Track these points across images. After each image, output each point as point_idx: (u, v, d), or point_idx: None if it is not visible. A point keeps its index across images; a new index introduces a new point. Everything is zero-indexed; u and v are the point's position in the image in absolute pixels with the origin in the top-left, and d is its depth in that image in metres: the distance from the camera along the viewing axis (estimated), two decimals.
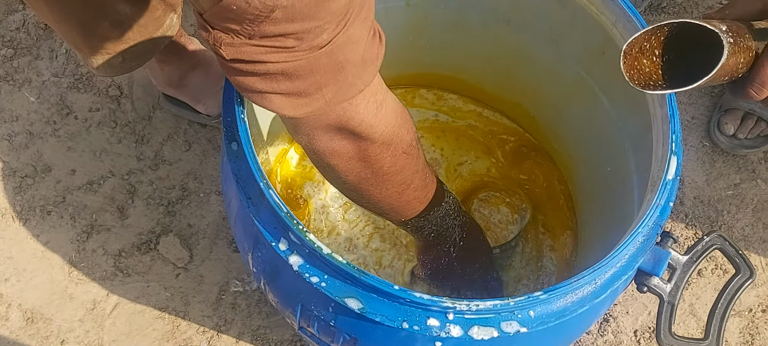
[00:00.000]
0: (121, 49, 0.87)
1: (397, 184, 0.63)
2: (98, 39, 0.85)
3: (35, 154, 1.15)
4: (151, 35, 0.89)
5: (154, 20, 0.88)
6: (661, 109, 0.62)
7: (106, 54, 0.88)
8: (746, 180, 1.22)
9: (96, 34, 0.84)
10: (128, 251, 1.09)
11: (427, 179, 0.69)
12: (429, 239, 0.75)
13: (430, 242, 0.76)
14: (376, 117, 0.55)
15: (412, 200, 0.67)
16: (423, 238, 0.76)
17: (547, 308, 0.53)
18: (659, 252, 0.59)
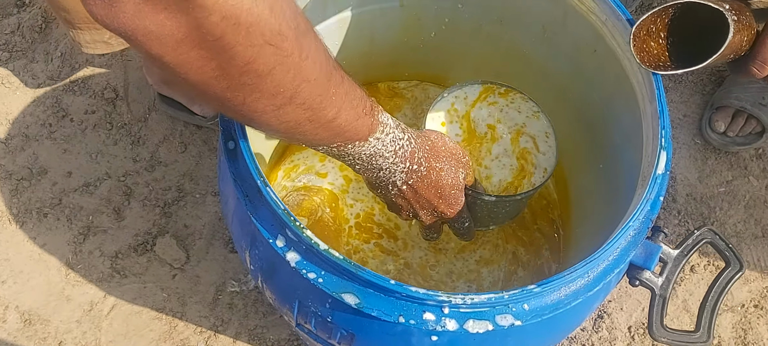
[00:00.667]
0: None
1: (269, 93, 0.46)
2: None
3: (31, 156, 1.16)
4: None
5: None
6: (651, 105, 0.63)
7: (93, 29, 0.88)
8: (738, 177, 1.23)
9: None
10: (125, 253, 1.09)
11: (334, 98, 0.52)
12: (362, 173, 0.65)
13: (369, 180, 0.67)
14: None
15: (304, 123, 0.51)
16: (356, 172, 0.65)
17: (541, 301, 0.54)
18: (650, 246, 0.60)
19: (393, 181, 0.65)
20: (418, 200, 0.68)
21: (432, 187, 0.67)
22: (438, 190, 0.67)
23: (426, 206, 0.69)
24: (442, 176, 0.67)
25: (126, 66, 1.24)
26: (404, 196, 0.67)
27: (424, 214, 0.70)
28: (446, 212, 0.70)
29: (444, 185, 0.67)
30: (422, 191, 0.67)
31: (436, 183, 0.67)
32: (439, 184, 0.67)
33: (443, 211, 0.70)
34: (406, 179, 0.65)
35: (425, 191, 0.67)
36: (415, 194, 0.67)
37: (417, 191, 0.66)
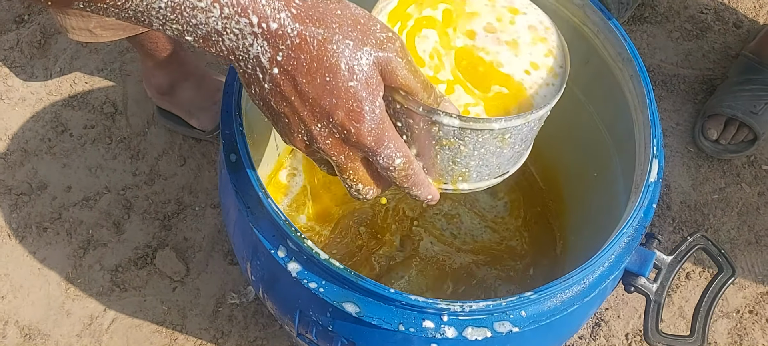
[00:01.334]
0: (96, 15, 0.89)
1: None
2: None
3: (30, 171, 1.16)
4: None
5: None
6: (643, 114, 0.65)
7: (80, 16, 0.90)
8: (731, 184, 1.24)
9: None
10: (125, 266, 1.10)
11: None
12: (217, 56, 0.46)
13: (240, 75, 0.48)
14: None
15: None
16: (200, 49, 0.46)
17: (538, 308, 0.55)
18: (645, 253, 0.62)
19: (254, 59, 0.45)
20: (302, 97, 0.46)
21: (315, 71, 0.45)
22: (325, 75, 0.45)
23: (317, 112, 0.46)
24: (330, 53, 0.45)
25: (125, 80, 1.25)
26: (282, 92, 0.46)
27: (321, 133, 0.47)
28: (348, 126, 0.46)
29: (334, 66, 0.45)
30: (301, 78, 0.45)
31: (321, 63, 0.45)
32: (326, 65, 0.45)
33: (344, 124, 0.46)
34: (271, 53, 0.44)
35: (306, 77, 0.45)
36: (295, 87, 0.45)
37: (295, 79, 0.45)
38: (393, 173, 0.49)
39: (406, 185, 0.51)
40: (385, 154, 0.48)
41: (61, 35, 1.28)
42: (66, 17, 0.91)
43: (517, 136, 0.51)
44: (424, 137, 0.50)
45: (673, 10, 1.39)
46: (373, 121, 0.46)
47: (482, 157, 0.51)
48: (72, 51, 1.27)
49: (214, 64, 1.28)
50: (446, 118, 0.48)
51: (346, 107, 0.46)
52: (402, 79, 0.47)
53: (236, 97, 0.60)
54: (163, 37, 1.03)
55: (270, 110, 0.48)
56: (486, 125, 0.49)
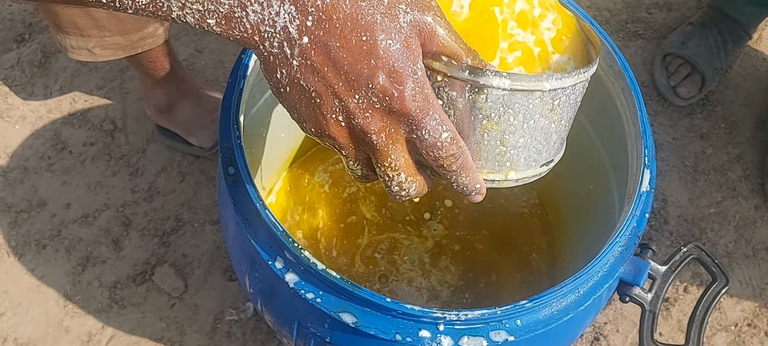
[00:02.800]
0: (95, 35, 0.90)
1: None
2: (76, 13, 0.87)
3: (30, 189, 1.17)
4: (128, 33, 0.92)
5: (134, 20, 0.91)
6: (634, 126, 0.66)
7: (80, 36, 0.91)
8: (728, 198, 1.25)
9: (76, 6, 0.86)
10: (123, 283, 1.10)
11: None
12: (239, 41, 0.42)
13: (262, 62, 0.43)
14: None
15: None
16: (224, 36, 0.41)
17: (534, 317, 0.55)
18: (639, 263, 0.62)
19: (282, 31, 0.40)
20: (337, 65, 0.40)
21: (350, 31, 0.40)
22: (361, 34, 0.40)
23: (354, 80, 0.41)
24: (364, 9, 0.40)
25: (124, 99, 1.26)
26: (313, 65, 0.41)
27: (359, 105, 0.41)
28: (390, 90, 0.41)
29: (370, 24, 0.40)
30: (335, 42, 0.40)
31: (356, 21, 0.40)
32: (361, 23, 0.40)
33: (385, 88, 0.41)
34: (300, 19, 0.39)
35: (340, 40, 0.40)
36: (328, 55, 0.40)
37: (327, 46, 0.40)
38: (440, 151, 0.43)
39: (455, 168, 0.44)
40: (430, 125, 0.42)
41: (61, 54, 1.30)
42: (66, 37, 0.92)
43: (564, 106, 0.48)
44: (469, 114, 0.45)
45: (666, 26, 1.41)
46: (417, 84, 0.41)
47: (531, 132, 0.47)
48: (72, 70, 1.28)
49: (213, 80, 1.29)
50: (496, 79, 0.43)
51: (387, 68, 0.40)
52: (442, 41, 0.42)
53: (235, 111, 0.61)
54: (161, 56, 1.04)
55: (299, 94, 0.42)
56: (538, 84, 0.44)
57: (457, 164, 0.44)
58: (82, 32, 0.90)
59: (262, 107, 0.78)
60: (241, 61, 0.65)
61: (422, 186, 0.46)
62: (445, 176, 0.45)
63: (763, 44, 1.41)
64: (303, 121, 0.43)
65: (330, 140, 0.44)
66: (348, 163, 0.46)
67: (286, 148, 0.94)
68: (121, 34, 0.92)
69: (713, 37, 1.29)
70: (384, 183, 0.45)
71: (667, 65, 1.31)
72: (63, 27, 0.90)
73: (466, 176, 0.46)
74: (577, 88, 0.48)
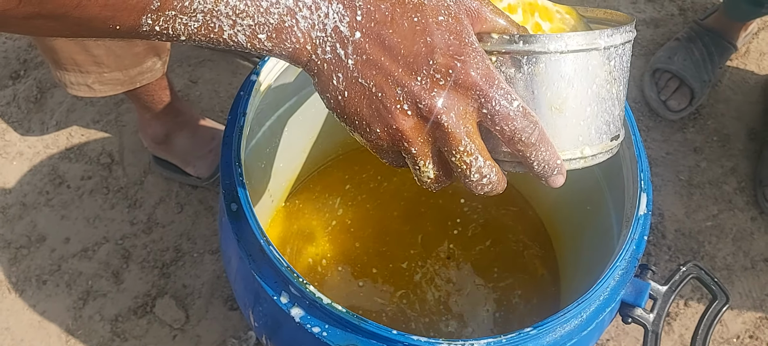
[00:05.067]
0: (94, 71, 0.91)
1: None
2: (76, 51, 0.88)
3: (29, 224, 1.17)
4: (126, 68, 0.93)
5: (132, 55, 0.92)
6: (629, 150, 0.67)
7: (78, 72, 0.92)
8: (724, 211, 1.26)
9: (75, 45, 0.87)
10: (125, 316, 1.10)
11: None
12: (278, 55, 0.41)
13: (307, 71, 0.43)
14: None
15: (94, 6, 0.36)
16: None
17: (538, 343, 0.56)
18: (640, 284, 0.63)
19: (333, 32, 0.40)
20: (393, 53, 0.40)
21: (400, 16, 0.40)
22: (412, 16, 0.40)
23: (413, 62, 0.40)
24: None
25: (121, 131, 1.27)
26: (369, 58, 0.40)
27: (423, 86, 0.40)
28: (452, 63, 0.40)
29: (418, 4, 0.40)
30: (387, 29, 0.40)
31: (404, 5, 0.40)
32: (409, 6, 0.40)
33: (446, 63, 0.40)
34: (349, 15, 0.40)
35: (392, 26, 0.40)
36: (382, 44, 0.40)
37: (380, 35, 0.40)
38: (514, 122, 0.41)
39: (533, 140, 0.42)
40: (498, 95, 0.41)
41: (56, 89, 1.30)
42: (65, 73, 0.93)
43: (618, 69, 0.46)
44: (531, 90, 0.44)
45: (654, 42, 1.43)
46: (477, 53, 0.40)
47: (595, 99, 0.45)
48: (68, 104, 1.29)
49: (208, 110, 1.30)
50: (552, 43, 0.42)
51: (443, 43, 0.40)
52: (490, 18, 0.42)
53: (236, 147, 0.61)
54: (159, 89, 1.04)
55: (359, 95, 0.41)
56: (593, 42, 0.43)
57: (535, 136, 0.42)
58: (81, 68, 0.91)
59: (260, 140, 0.78)
60: (240, 98, 0.65)
61: (502, 176, 0.44)
62: (523, 157, 0.43)
63: (751, 57, 1.43)
64: (368, 125, 0.42)
65: (399, 138, 0.42)
66: (419, 166, 0.44)
67: (285, 177, 0.94)
68: (120, 70, 0.93)
69: (699, 51, 1.31)
70: (462, 177, 0.43)
71: (656, 80, 1.33)
72: (62, 64, 0.91)
73: (545, 149, 0.43)
74: (627, 49, 0.47)
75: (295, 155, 0.91)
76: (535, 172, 0.44)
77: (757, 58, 1.43)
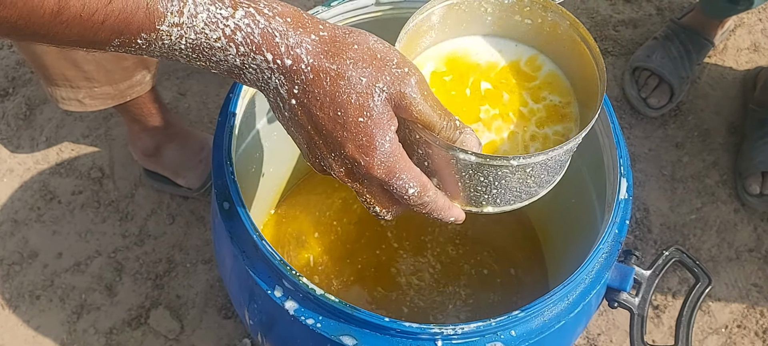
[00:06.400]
0: (84, 86, 0.92)
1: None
2: (66, 67, 0.90)
3: (21, 241, 1.17)
4: (116, 82, 0.94)
5: (122, 69, 0.93)
6: (608, 138, 0.69)
7: (69, 87, 0.93)
8: (707, 203, 1.29)
9: (66, 61, 0.89)
10: (119, 328, 1.10)
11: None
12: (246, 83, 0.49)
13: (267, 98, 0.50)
14: None
15: (72, 20, 0.41)
16: None
17: (527, 326, 0.57)
18: (624, 269, 0.65)
19: (274, 90, 0.47)
20: (317, 127, 0.48)
21: (328, 105, 0.46)
22: (337, 110, 0.46)
23: (330, 143, 0.48)
24: (341, 89, 0.46)
25: (111, 145, 1.28)
26: (299, 121, 0.48)
27: (335, 161, 0.49)
28: (358, 159, 0.48)
29: (345, 102, 0.46)
30: (316, 110, 0.47)
31: (333, 98, 0.46)
32: (337, 100, 0.46)
33: (354, 156, 0.48)
34: (288, 86, 0.46)
35: (320, 110, 0.47)
36: (310, 117, 0.47)
37: (310, 111, 0.47)
38: (408, 201, 0.50)
39: (424, 211, 0.51)
40: (397, 185, 0.49)
41: (46, 106, 1.31)
42: (56, 89, 0.94)
43: (541, 169, 0.51)
44: (445, 167, 0.51)
45: (634, 42, 1.46)
46: (383, 154, 0.47)
47: (505, 187, 0.51)
48: (57, 120, 1.30)
49: (197, 122, 1.31)
50: (462, 155, 0.49)
51: (355, 142, 0.47)
52: (417, 114, 0.48)
53: (227, 147, 0.63)
54: (148, 102, 1.06)
55: (292, 135, 0.51)
56: (504, 163, 0.49)
57: (426, 209, 0.52)
58: (72, 84, 0.92)
59: (250, 144, 0.80)
60: (229, 101, 0.67)
61: (400, 211, 0.53)
62: (406, 204, 0.52)
63: (728, 54, 1.47)
64: (305, 155, 0.51)
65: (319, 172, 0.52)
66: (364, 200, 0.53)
67: (274, 182, 0.96)
68: (110, 84, 0.94)
69: (676, 48, 1.35)
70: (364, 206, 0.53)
71: (636, 79, 1.36)
72: (53, 79, 0.92)
73: (437, 214, 0.53)
74: (554, 158, 0.50)
75: (285, 160, 0.92)
76: None
77: (734, 54, 1.46)
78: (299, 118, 0.48)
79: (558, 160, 0.52)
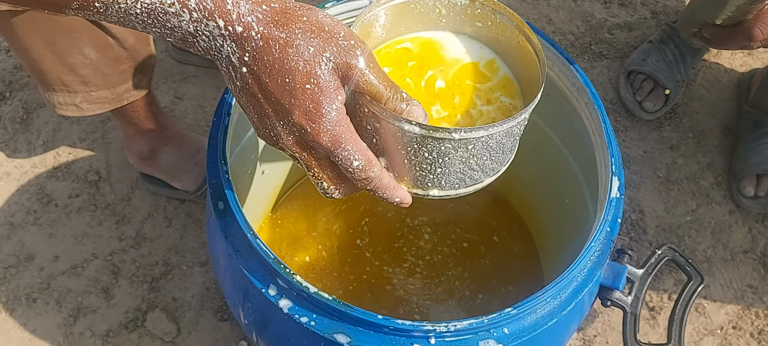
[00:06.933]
0: (81, 90, 0.93)
1: None
2: (63, 71, 0.90)
3: (17, 244, 1.17)
4: (113, 86, 0.94)
5: (118, 73, 0.93)
6: (600, 137, 0.69)
7: (66, 92, 0.93)
8: (702, 205, 1.29)
9: (63, 66, 0.89)
10: (115, 331, 1.11)
11: None
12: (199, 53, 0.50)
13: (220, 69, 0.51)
14: None
15: None
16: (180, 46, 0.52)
17: (520, 324, 0.58)
18: (617, 267, 0.65)
19: (227, 58, 0.49)
20: (266, 95, 0.49)
21: (277, 72, 0.48)
22: (285, 76, 0.48)
23: (279, 110, 0.50)
24: (290, 56, 0.48)
25: (107, 148, 1.28)
26: (250, 89, 0.50)
27: (284, 129, 0.50)
28: (304, 126, 0.49)
29: (292, 69, 0.48)
30: (265, 77, 0.48)
31: (282, 65, 0.48)
32: (285, 67, 0.48)
33: (301, 123, 0.49)
34: (239, 53, 0.48)
35: (269, 77, 0.48)
36: (260, 85, 0.49)
37: (260, 78, 0.49)
38: (353, 174, 0.51)
39: (369, 187, 0.53)
40: (342, 155, 0.50)
41: (42, 109, 1.31)
42: (53, 94, 0.94)
43: (482, 149, 0.52)
44: (391, 141, 0.52)
45: (629, 45, 1.46)
46: (329, 122, 0.49)
47: (448, 166, 0.52)
48: (54, 124, 1.30)
49: (194, 126, 1.31)
50: (407, 125, 0.50)
51: (302, 108, 0.48)
52: (363, 84, 0.49)
53: (221, 147, 0.63)
54: (144, 105, 1.06)
55: (243, 105, 0.51)
56: (446, 135, 0.50)
57: (371, 185, 0.53)
58: (69, 88, 0.93)
59: (245, 145, 0.80)
60: (224, 100, 0.67)
61: (346, 190, 0.55)
62: (369, 191, 0.53)
63: (722, 56, 1.47)
64: (251, 124, 0.52)
65: (269, 145, 0.52)
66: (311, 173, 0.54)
67: (270, 184, 0.96)
68: (107, 88, 0.94)
69: (671, 52, 1.35)
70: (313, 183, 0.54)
71: (631, 82, 1.36)
72: (50, 85, 0.93)
73: (383, 193, 0.54)
74: (496, 136, 0.51)
75: (281, 161, 0.93)
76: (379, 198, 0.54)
77: (728, 57, 1.47)
78: (250, 86, 0.49)
79: (499, 142, 0.52)
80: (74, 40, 0.86)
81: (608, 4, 1.52)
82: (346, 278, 0.97)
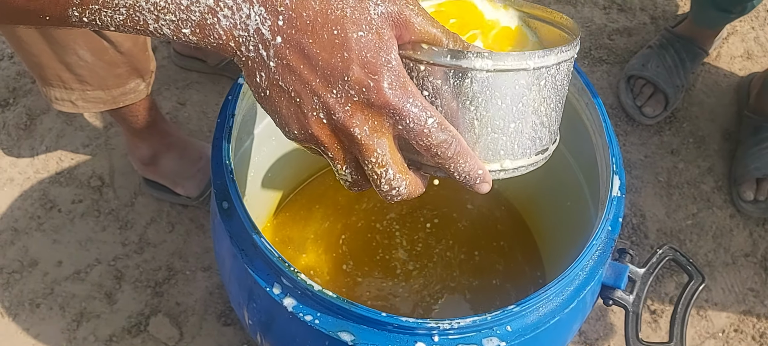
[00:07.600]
0: (77, 88, 0.94)
1: None
2: (61, 68, 0.91)
3: (21, 249, 1.18)
4: (109, 88, 0.96)
5: (114, 76, 0.95)
6: (601, 137, 0.70)
7: (63, 88, 0.95)
8: (703, 209, 1.30)
9: (60, 63, 0.90)
10: (119, 335, 1.11)
11: None
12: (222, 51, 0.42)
13: (239, 64, 0.43)
14: None
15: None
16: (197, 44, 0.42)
17: (523, 322, 0.58)
18: (618, 266, 0.65)
19: (255, 33, 0.40)
20: (312, 63, 0.41)
21: (321, 27, 0.40)
22: (332, 29, 0.40)
23: (329, 74, 0.41)
24: (333, 4, 0.40)
25: (111, 154, 1.29)
26: (289, 64, 0.41)
27: (338, 99, 0.41)
28: (365, 81, 0.41)
29: (340, 18, 0.40)
30: (307, 39, 0.40)
31: (326, 16, 0.40)
32: (331, 17, 0.40)
33: (360, 79, 0.41)
34: (271, 19, 0.40)
35: (312, 36, 0.40)
36: (302, 52, 0.40)
37: (300, 43, 0.40)
38: (429, 138, 0.42)
39: (450, 154, 0.43)
40: (413, 112, 0.41)
41: (46, 115, 1.32)
42: (50, 89, 0.95)
43: (551, 87, 0.47)
44: (456, 102, 0.44)
45: (628, 50, 1.47)
46: (392, 72, 0.41)
47: (522, 116, 0.46)
48: (57, 130, 1.31)
49: (197, 132, 1.32)
50: (479, 60, 0.43)
51: (360, 60, 0.40)
52: (419, 28, 0.42)
53: (225, 148, 0.64)
54: (143, 110, 1.07)
55: (279, 96, 0.42)
56: (522, 63, 0.44)
57: (451, 150, 0.43)
58: (66, 85, 0.94)
59: (248, 148, 0.81)
60: (228, 102, 0.68)
61: (415, 185, 0.45)
62: (443, 168, 0.44)
63: (722, 61, 1.48)
64: (286, 124, 0.43)
65: (315, 142, 0.43)
66: (337, 170, 0.45)
67: (273, 187, 0.96)
68: (102, 89, 0.95)
69: (671, 57, 1.36)
70: (373, 184, 0.44)
71: (631, 87, 1.37)
72: (48, 79, 0.94)
73: (464, 162, 0.44)
74: (561, 69, 0.47)
75: (284, 165, 0.93)
76: (457, 180, 0.45)
77: (728, 62, 1.48)
78: (288, 60, 0.40)
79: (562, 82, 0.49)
80: (69, 40, 0.87)
81: (608, 10, 1.53)
82: (347, 280, 0.97)
